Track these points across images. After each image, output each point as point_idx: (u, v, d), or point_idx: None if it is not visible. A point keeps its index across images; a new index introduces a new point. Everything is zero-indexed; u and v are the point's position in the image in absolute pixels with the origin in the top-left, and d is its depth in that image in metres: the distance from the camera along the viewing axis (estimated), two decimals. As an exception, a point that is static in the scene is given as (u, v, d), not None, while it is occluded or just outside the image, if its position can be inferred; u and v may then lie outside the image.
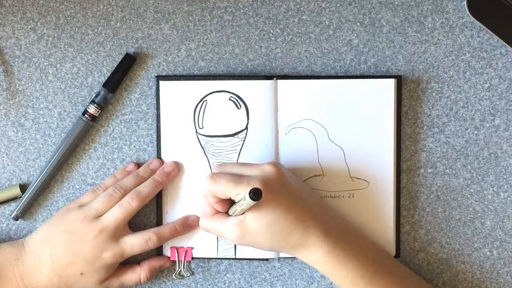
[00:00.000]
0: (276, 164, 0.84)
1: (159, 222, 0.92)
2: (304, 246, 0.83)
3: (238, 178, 0.82)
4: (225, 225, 0.84)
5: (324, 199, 0.91)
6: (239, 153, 0.91)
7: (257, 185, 0.79)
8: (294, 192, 0.84)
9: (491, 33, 0.91)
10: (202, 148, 0.91)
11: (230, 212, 0.85)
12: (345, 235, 0.85)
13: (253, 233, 0.82)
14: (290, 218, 0.82)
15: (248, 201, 0.77)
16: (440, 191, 0.93)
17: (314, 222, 0.83)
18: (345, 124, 0.90)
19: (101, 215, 0.88)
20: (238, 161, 0.91)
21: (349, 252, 0.83)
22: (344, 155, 0.91)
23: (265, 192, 0.79)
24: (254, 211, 0.81)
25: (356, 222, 0.90)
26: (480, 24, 0.91)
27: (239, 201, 0.81)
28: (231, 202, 0.85)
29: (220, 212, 0.86)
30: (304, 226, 0.82)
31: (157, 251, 0.92)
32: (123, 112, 0.93)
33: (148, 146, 0.93)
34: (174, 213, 0.92)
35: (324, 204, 0.89)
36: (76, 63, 0.93)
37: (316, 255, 0.83)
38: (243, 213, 0.82)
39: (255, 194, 0.76)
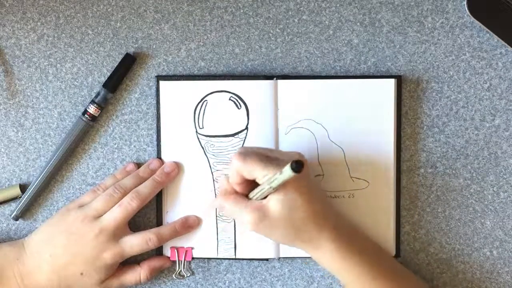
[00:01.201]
0: (301, 154, 0.84)
1: (159, 222, 0.92)
2: (315, 242, 0.82)
3: (267, 159, 0.80)
4: (243, 206, 0.82)
5: (324, 199, 0.91)
6: (239, 153, 0.91)
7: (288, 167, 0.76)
8: (313, 186, 0.84)
9: (491, 33, 0.91)
10: (202, 148, 0.91)
11: (251, 195, 0.83)
12: (350, 234, 0.85)
13: (272, 219, 0.80)
14: (308, 211, 0.81)
15: (288, 174, 0.73)
16: (440, 191, 0.93)
17: (327, 219, 0.82)
18: (345, 124, 0.90)
19: (101, 215, 0.88)
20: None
21: (355, 250, 0.83)
22: (344, 155, 0.91)
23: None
24: (280, 193, 0.80)
25: (356, 222, 0.90)
26: (480, 24, 0.91)
27: (263, 183, 0.79)
28: (253, 186, 0.83)
29: (238, 194, 0.84)
30: (318, 222, 0.81)
31: (157, 251, 0.92)
32: (123, 112, 0.93)
33: (148, 146, 0.93)
34: (174, 213, 0.92)
35: (331, 201, 0.90)
36: (76, 63, 0.93)
37: (325, 251, 0.82)
38: (265, 197, 0.81)
39: (298, 166, 0.72)
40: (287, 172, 0.73)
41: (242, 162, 0.80)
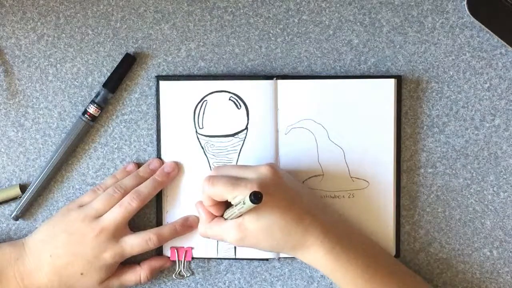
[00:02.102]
0: (272, 165, 0.84)
1: (159, 222, 0.92)
2: (304, 246, 0.83)
3: (235, 180, 0.82)
4: (224, 228, 0.84)
5: (324, 199, 0.91)
6: (239, 153, 0.91)
7: (254, 187, 0.79)
8: (292, 193, 0.84)
9: (491, 33, 0.91)
10: (202, 148, 0.91)
11: (226, 215, 0.85)
12: (345, 235, 0.85)
13: (253, 234, 0.82)
14: (288, 219, 0.82)
15: (248, 205, 0.77)
16: (440, 191, 0.93)
17: (313, 222, 0.83)
18: (345, 124, 0.90)
19: (101, 215, 0.88)
20: (238, 162, 0.91)
21: (349, 251, 0.83)
22: (344, 155, 0.91)
23: (263, 194, 0.80)
24: (252, 213, 0.81)
25: (356, 222, 0.90)
26: (480, 24, 0.91)
27: (237, 204, 0.80)
28: (226, 205, 0.85)
29: (216, 217, 0.86)
30: (303, 226, 0.82)
31: (157, 251, 0.92)
32: (123, 112, 0.93)
33: (148, 146, 0.93)
34: (174, 213, 0.92)
35: (323, 204, 0.89)
36: (76, 63, 0.93)
37: (316, 254, 0.83)
38: (240, 215, 0.82)
39: (256, 198, 0.76)
40: (248, 203, 0.76)
41: (211, 187, 0.83)
